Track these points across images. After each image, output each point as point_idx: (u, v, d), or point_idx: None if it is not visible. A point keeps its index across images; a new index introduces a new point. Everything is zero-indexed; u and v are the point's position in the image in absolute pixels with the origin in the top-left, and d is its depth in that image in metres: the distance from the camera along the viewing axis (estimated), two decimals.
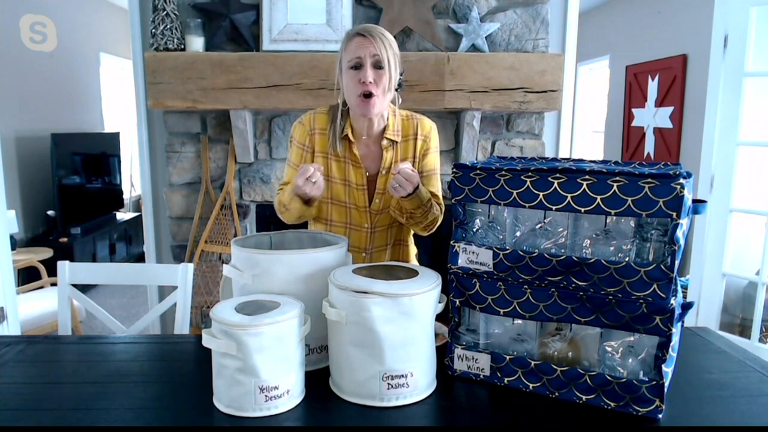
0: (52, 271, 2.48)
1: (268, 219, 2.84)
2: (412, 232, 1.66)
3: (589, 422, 0.99)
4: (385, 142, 1.51)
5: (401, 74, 1.48)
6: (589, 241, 1.05)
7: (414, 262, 1.70)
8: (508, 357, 1.11)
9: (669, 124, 3.91)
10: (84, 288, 3.97)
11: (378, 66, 1.40)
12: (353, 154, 1.51)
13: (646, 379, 0.99)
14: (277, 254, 1.19)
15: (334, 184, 1.53)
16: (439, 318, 1.16)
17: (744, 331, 2.85)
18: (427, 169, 1.55)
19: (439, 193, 1.56)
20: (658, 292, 0.96)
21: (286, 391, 1.03)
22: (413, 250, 1.71)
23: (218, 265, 2.79)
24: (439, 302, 1.12)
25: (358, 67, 1.40)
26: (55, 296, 2.38)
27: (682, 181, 0.93)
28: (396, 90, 1.48)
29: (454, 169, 1.13)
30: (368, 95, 1.39)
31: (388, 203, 1.54)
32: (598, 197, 0.98)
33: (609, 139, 5.04)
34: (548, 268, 1.04)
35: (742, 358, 1.25)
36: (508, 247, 1.08)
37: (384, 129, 1.51)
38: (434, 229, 1.55)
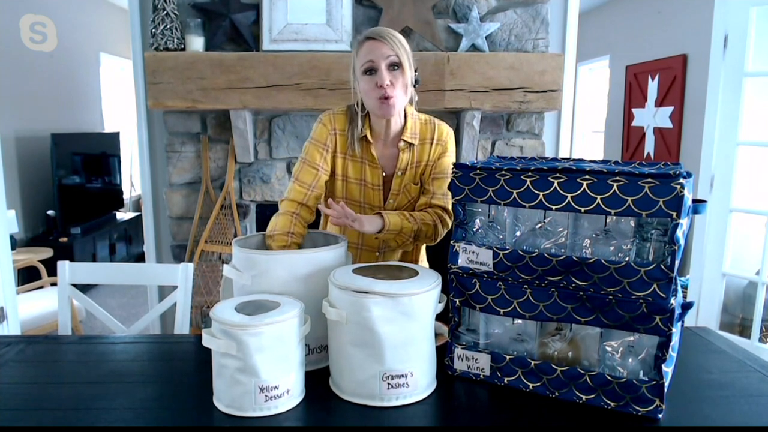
0: (52, 271, 2.48)
1: (268, 219, 2.83)
2: None
3: (589, 422, 0.99)
4: (401, 144, 1.50)
5: (416, 70, 1.47)
6: (589, 241, 1.05)
7: (424, 260, 1.71)
8: (508, 357, 1.11)
9: (669, 124, 3.91)
10: (84, 288, 3.96)
11: (393, 66, 1.39)
12: (371, 155, 1.51)
13: (646, 379, 0.99)
14: (275, 254, 1.19)
15: (350, 183, 1.55)
16: (439, 318, 1.16)
17: (744, 331, 2.84)
18: (439, 171, 1.54)
19: (448, 197, 1.52)
20: (658, 291, 0.96)
21: (286, 391, 1.03)
22: (423, 248, 1.72)
23: (218, 265, 2.79)
24: (439, 302, 1.12)
25: (372, 71, 1.39)
26: (55, 296, 2.38)
27: (682, 181, 0.93)
28: (414, 86, 1.48)
29: (454, 169, 1.13)
30: (387, 97, 1.39)
31: (402, 203, 1.55)
32: (598, 197, 0.98)
33: (609, 139, 5.04)
34: (548, 267, 1.04)
35: (742, 358, 1.25)
36: (508, 247, 1.08)
37: (402, 130, 1.50)
38: (440, 238, 1.54)
